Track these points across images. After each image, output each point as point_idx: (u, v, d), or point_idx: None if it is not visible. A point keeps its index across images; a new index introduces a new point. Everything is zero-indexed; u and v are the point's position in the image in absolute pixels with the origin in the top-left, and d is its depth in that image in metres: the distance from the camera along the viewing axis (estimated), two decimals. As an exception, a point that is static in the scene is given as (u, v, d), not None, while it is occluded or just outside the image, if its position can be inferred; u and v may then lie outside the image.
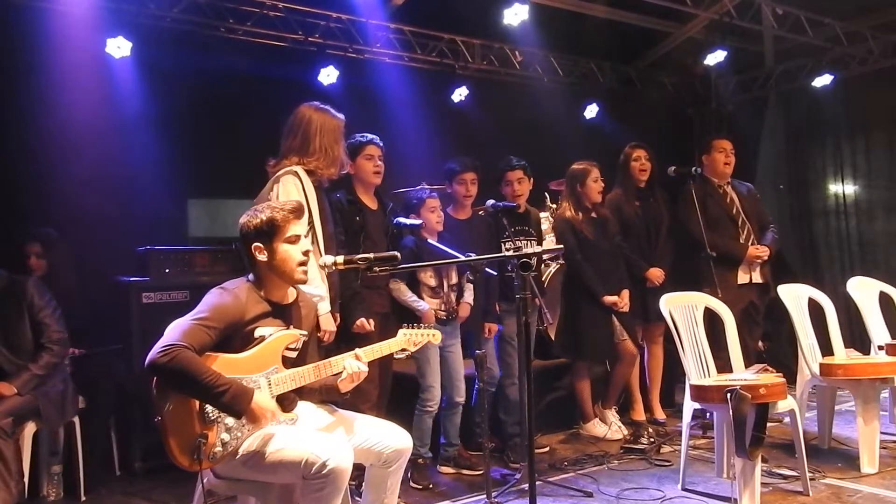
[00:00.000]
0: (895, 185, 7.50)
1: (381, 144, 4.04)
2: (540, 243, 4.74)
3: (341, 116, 3.60)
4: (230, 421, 2.52)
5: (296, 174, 3.39)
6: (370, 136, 4.04)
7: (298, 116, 3.53)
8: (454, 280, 4.27)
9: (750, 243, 5.12)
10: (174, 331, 2.48)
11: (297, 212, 2.76)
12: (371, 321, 3.80)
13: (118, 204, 5.05)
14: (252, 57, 5.76)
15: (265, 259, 2.70)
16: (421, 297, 4.16)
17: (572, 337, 4.92)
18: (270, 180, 3.42)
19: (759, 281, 5.16)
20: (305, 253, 2.74)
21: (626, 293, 4.87)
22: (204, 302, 2.61)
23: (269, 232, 2.69)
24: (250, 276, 2.77)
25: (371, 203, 4.06)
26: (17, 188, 4.75)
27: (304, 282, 2.80)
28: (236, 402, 2.47)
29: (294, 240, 2.72)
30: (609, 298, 4.78)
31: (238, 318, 2.61)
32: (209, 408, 2.49)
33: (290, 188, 3.36)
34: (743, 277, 5.13)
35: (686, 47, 7.74)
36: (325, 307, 3.35)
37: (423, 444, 4.13)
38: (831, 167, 8.00)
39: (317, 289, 3.25)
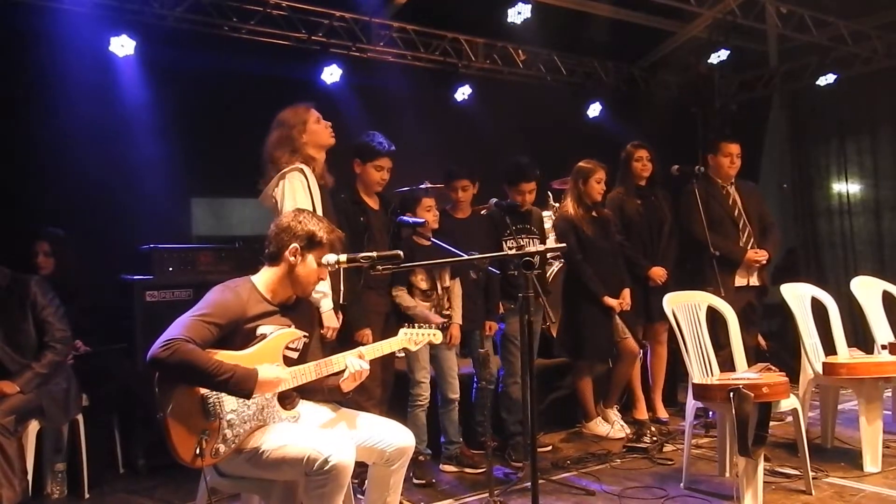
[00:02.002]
0: (898, 185, 7.51)
1: (394, 156, 4.01)
2: (543, 242, 4.73)
3: (306, 104, 3.59)
4: (232, 417, 2.54)
5: (301, 171, 3.39)
6: (388, 145, 3.99)
7: (273, 124, 3.55)
8: (447, 283, 4.27)
9: (750, 246, 5.11)
10: (175, 326, 2.50)
11: (342, 243, 2.85)
12: (370, 332, 3.81)
13: (122, 202, 5.07)
14: (255, 56, 5.78)
15: (293, 262, 2.73)
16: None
17: (572, 336, 4.91)
18: (276, 177, 3.42)
19: (757, 284, 5.14)
20: (322, 277, 2.82)
21: (626, 292, 4.87)
22: (205, 299, 2.63)
23: (313, 244, 2.74)
24: (254, 276, 2.78)
25: (373, 203, 4.07)
26: (20, 186, 4.77)
27: (306, 297, 2.88)
28: (243, 384, 2.48)
29: (323, 264, 2.76)
30: (609, 301, 4.76)
31: (239, 314, 2.62)
32: (212, 404, 2.50)
33: (297, 185, 3.36)
34: (740, 281, 5.10)
35: (690, 46, 7.73)
36: (327, 304, 3.35)
37: (421, 441, 4.13)
38: (835, 166, 8.01)
39: (319, 285, 3.25)
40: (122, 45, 5.17)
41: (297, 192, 3.34)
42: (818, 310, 4.53)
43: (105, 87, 5.18)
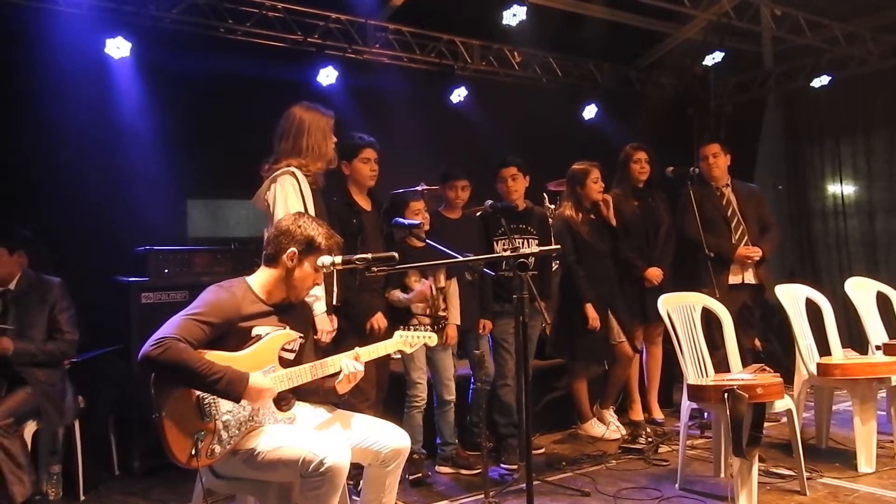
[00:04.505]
0: (893, 186, 7.53)
1: (378, 147, 4.05)
2: (544, 242, 4.67)
3: (331, 113, 3.64)
4: (228, 418, 2.54)
5: (293, 174, 3.41)
6: (368, 138, 4.05)
7: (289, 118, 3.56)
8: (441, 283, 4.27)
9: (744, 244, 5.12)
10: (167, 325, 2.51)
11: (340, 248, 2.85)
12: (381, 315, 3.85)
13: (118, 204, 5.06)
14: (251, 57, 5.78)
15: (290, 266, 2.74)
16: None
17: (567, 337, 4.91)
18: (267, 180, 3.44)
19: (752, 282, 5.15)
20: (317, 282, 2.83)
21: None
22: (199, 298, 2.64)
23: (311, 249, 2.75)
24: (249, 277, 2.79)
25: (365, 204, 4.07)
26: (16, 188, 4.75)
27: (296, 301, 2.87)
28: (232, 388, 2.48)
29: (319, 268, 2.77)
30: (592, 311, 4.71)
31: (233, 313, 2.62)
32: (207, 405, 2.51)
33: (288, 189, 3.37)
34: (734, 278, 5.11)
35: (685, 48, 7.76)
36: (320, 307, 3.36)
37: (417, 441, 4.13)
38: (830, 168, 8.04)
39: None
40: (118, 48, 5.15)
41: (288, 196, 3.35)
42: (813, 311, 4.55)
43: (101, 88, 5.18)
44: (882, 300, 4.80)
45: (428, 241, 4.03)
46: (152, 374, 2.45)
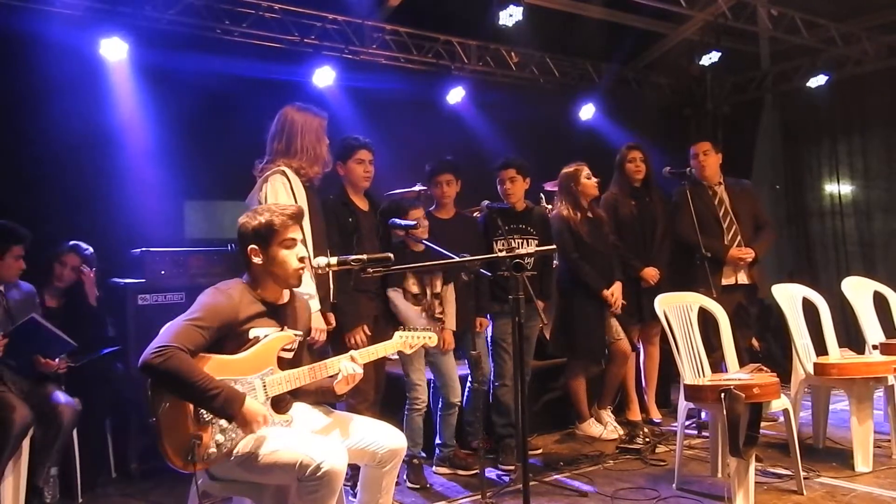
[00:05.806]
0: (891, 186, 7.56)
1: (373, 148, 4.05)
2: (545, 242, 4.63)
3: (324, 114, 3.65)
4: (224, 422, 2.53)
5: (283, 174, 3.42)
6: (362, 139, 4.04)
7: (282, 119, 3.57)
8: (437, 288, 4.26)
9: (736, 244, 5.12)
10: (168, 332, 2.49)
11: (297, 217, 2.78)
12: (363, 333, 3.82)
13: (114, 205, 5.05)
14: (248, 58, 5.77)
15: (260, 262, 2.72)
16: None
17: (565, 336, 4.92)
18: (259, 180, 3.46)
19: (746, 282, 5.15)
20: (301, 259, 2.76)
21: (618, 285, 4.86)
22: (197, 302, 2.63)
23: (267, 235, 2.71)
24: (245, 277, 2.78)
25: (362, 204, 4.07)
26: (11, 191, 4.74)
27: (298, 286, 2.83)
28: (227, 406, 2.47)
29: (290, 244, 2.73)
30: (616, 292, 4.78)
31: (232, 317, 2.61)
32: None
33: (279, 187, 3.39)
34: (727, 279, 5.11)
35: (682, 48, 7.77)
36: (314, 305, 3.35)
37: (416, 444, 4.12)
38: (827, 167, 8.06)
39: (304, 287, 3.25)
40: (115, 49, 5.15)
41: (278, 194, 3.37)
42: (809, 310, 4.55)
43: (97, 90, 5.16)
44: (879, 300, 4.80)
45: (426, 242, 4.03)
46: (149, 379, 2.45)
